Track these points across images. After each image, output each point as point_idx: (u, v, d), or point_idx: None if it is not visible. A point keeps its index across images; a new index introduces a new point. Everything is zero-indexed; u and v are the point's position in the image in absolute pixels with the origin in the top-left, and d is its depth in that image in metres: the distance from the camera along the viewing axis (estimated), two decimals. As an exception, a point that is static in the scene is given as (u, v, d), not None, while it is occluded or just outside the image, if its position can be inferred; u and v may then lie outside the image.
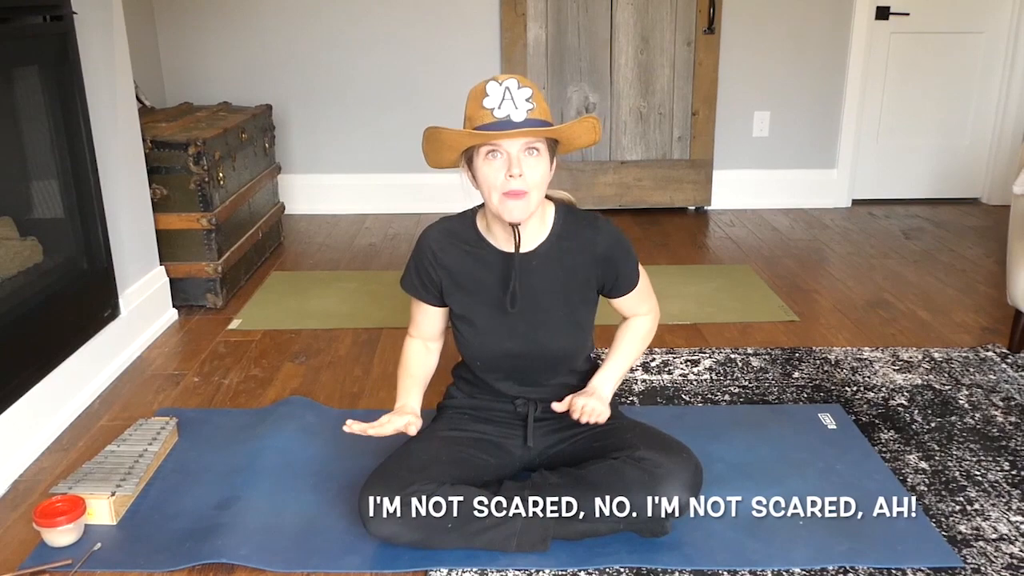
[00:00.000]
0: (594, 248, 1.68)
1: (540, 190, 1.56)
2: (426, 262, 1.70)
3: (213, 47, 4.11)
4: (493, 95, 1.50)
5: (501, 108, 1.49)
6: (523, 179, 1.51)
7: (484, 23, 4.11)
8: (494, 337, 1.69)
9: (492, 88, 1.50)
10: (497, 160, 1.52)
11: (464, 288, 1.70)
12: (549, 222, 1.68)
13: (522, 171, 1.50)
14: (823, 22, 4.18)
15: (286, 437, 2.04)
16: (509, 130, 1.48)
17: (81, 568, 1.60)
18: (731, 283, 3.23)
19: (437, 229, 1.73)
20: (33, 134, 2.27)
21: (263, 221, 3.51)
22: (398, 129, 4.24)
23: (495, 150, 1.52)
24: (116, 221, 2.53)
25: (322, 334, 2.75)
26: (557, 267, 1.67)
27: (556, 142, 1.59)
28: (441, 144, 1.57)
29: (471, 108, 1.54)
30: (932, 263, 3.49)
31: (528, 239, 1.65)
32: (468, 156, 1.57)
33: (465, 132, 1.52)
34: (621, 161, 4.21)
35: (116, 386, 2.41)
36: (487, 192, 1.55)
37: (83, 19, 2.33)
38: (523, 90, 1.50)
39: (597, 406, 1.66)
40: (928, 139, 4.42)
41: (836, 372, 2.43)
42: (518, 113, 1.49)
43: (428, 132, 1.56)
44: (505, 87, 1.49)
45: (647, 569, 1.59)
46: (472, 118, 1.53)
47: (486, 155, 1.53)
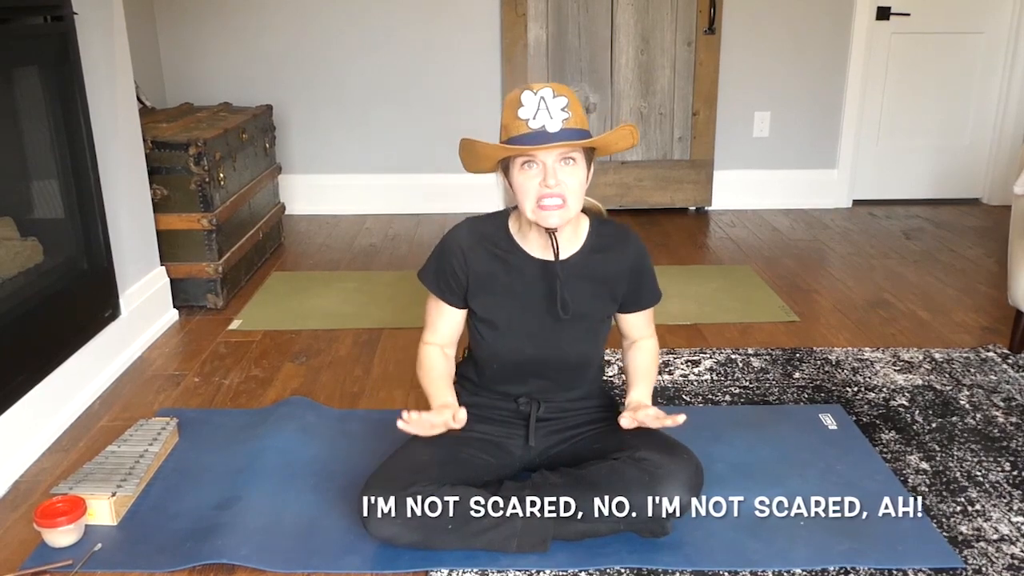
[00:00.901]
0: (624, 261, 1.70)
1: (577, 198, 1.56)
2: (454, 262, 1.69)
3: (214, 47, 4.12)
4: (528, 105, 1.50)
5: (536, 119, 1.50)
6: (559, 187, 1.51)
7: (484, 23, 4.11)
8: (516, 342, 1.70)
9: (527, 98, 1.50)
10: (532, 170, 1.53)
11: (491, 291, 1.69)
12: (583, 234, 1.69)
13: (558, 181, 1.51)
14: (823, 22, 4.18)
15: (286, 437, 2.04)
16: (543, 144, 1.48)
17: (82, 568, 1.60)
18: (731, 283, 3.23)
19: (466, 230, 1.71)
20: (33, 134, 2.27)
21: (263, 221, 3.51)
22: (399, 130, 4.24)
23: (530, 161, 1.52)
24: (116, 221, 2.53)
25: (322, 334, 2.75)
26: (587, 278, 1.68)
27: (593, 149, 1.59)
28: (475, 155, 1.58)
29: (507, 117, 1.54)
30: (932, 263, 3.49)
31: (562, 248, 1.65)
32: (504, 164, 1.58)
33: (499, 146, 1.53)
34: (622, 161, 4.21)
35: (117, 386, 2.41)
36: (522, 201, 1.56)
37: (83, 19, 2.33)
38: (558, 99, 1.50)
39: (652, 411, 1.65)
40: (928, 139, 4.42)
41: (837, 372, 2.43)
42: (553, 123, 1.49)
43: (464, 143, 1.58)
44: (540, 97, 1.50)
45: (647, 569, 1.59)
46: (508, 127, 1.53)
47: (521, 166, 1.53)
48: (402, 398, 2.31)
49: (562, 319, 1.65)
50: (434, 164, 4.20)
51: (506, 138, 1.54)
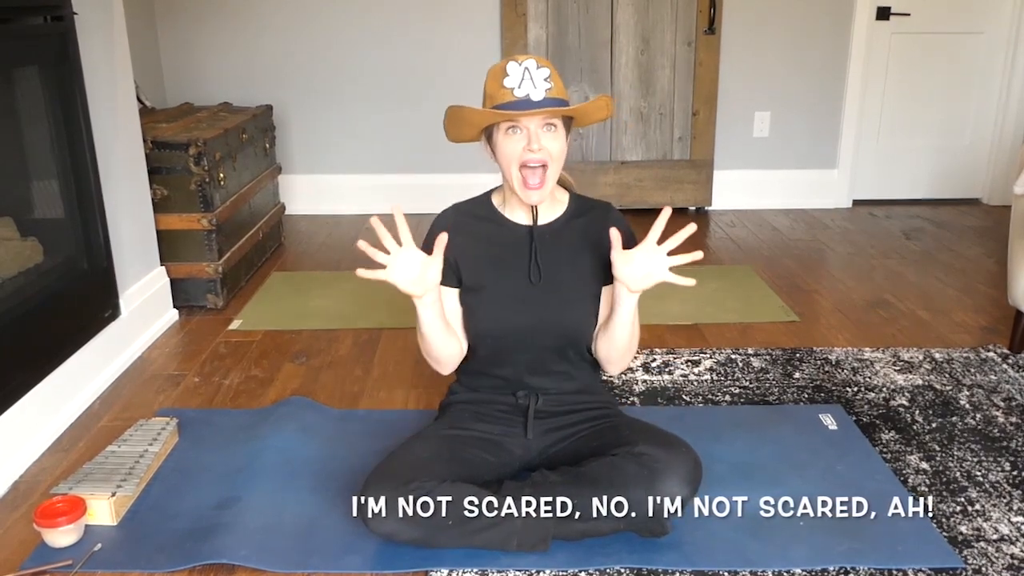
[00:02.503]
0: (606, 227, 1.68)
1: (558, 164, 1.63)
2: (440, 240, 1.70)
3: (214, 47, 4.12)
4: (513, 75, 1.57)
5: (521, 87, 1.56)
6: (542, 152, 1.58)
7: (484, 23, 4.11)
8: (505, 310, 1.71)
9: (512, 68, 1.57)
10: (517, 135, 1.60)
11: (478, 260, 1.73)
12: (564, 201, 1.76)
13: (540, 146, 1.58)
14: (824, 22, 4.18)
15: (286, 437, 2.04)
16: (530, 109, 1.55)
17: (81, 568, 1.60)
18: (732, 283, 3.23)
19: (450, 209, 1.79)
20: (33, 134, 2.27)
21: (264, 221, 3.51)
22: (399, 129, 4.24)
23: (515, 126, 1.59)
24: (116, 221, 2.53)
25: (322, 334, 2.75)
26: (571, 243, 1.73)
27: (571, 119, 1.65)
28: (463, 121, 1.64)
29: (491, 86, 1.60)
30: (932, 263, 3.49)
31: (543, 214, 1.72)
32: (488, 132, 1.64)
33: (488, 111, 1.59)
34: (622, 161, 4.21)
35: (117, 386, 2.41)
36: (506, 165, 1.62)
37: (83, 19, 2.33)
38: (541, 70, 1.58)
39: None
40: (928, 139, 4.42)
41: (837, 372, 2.42)
42: (537, 92, 1.56)
43: (451, 110, 1.63)
44: (524, 67, 1.57)
45: (647, 569, 1.59)
46: (493, 96, 1.59)
47: (506, 131, 1.60)
48: (402, 398, 2.31)
49: (535, 284, 1.69)
50: (434, 164, 4.20)
51: (491, 106, 1.60)
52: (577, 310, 1.74)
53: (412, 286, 1.57)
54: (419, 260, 1.56)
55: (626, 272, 1.58)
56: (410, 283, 1.56)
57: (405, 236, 1.57)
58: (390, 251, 1.56)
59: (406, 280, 1.56)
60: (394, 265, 1.55)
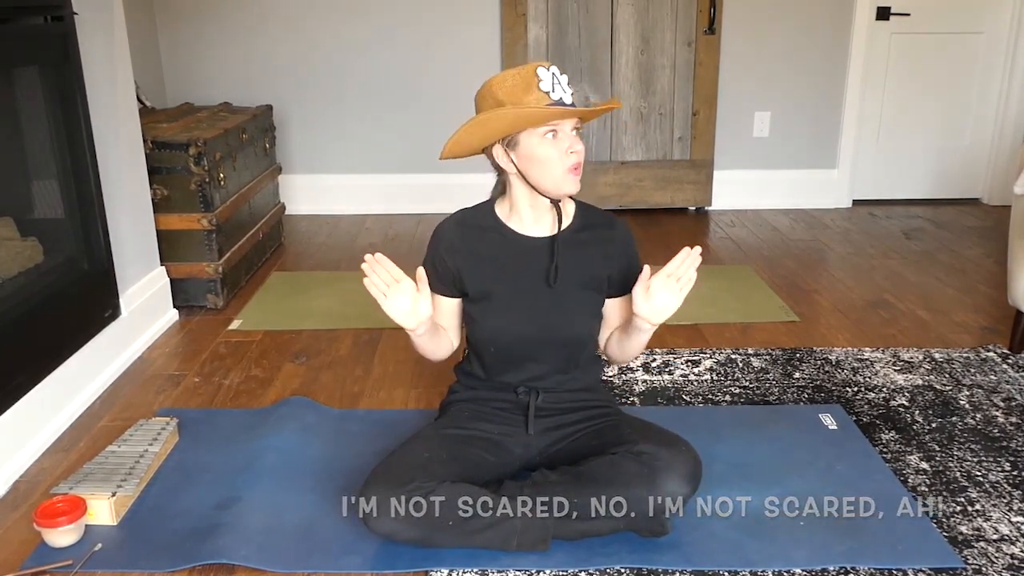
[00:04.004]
0: (611, 242, 1.75)
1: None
2: (442, 250, 1.73)
3: (214, 47, 4.12)
4: (546, 79, 1.58)
5: (555, 92, 1.58)
6: (580, 154, 1.62)
7: (484, 23, 4.11)
8: (510, 319, 1.71)
9: (543, 73, 1.58)
10: (554, 139, 1.61)
11: (482, 271, 1.72)
12: (570, 212, 1.76)
13: (578, 148, 1.62)
14: (824, 22, 4.18)
15: (286, 437, 2.04)
16: (577, 108, 1.58)
17: (82, 568, 1.60)
18: (732, 283, 3.23)
19: (452, 220, 1.77)
20: (34, 134, 2.27)
21: (264, 222, 3.51)
22: (399, 129, 4.24)
23: (553, 130, 1.60)
24: (117, 221, 2.53)
25: (322, 334, 2.75)
26: (576, 255, 1.72)
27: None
28: (495, 125, 1.58)
29: (520, 92, 1.56)
30: (932, 263, 3.49)
31: (552, 226, 1.72)
32: (507, 141, 1.63)
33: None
34: (622, 161, 4.21)
35: (117, 386, 2.41)
36: (547, 170, 1.61)
37: (84, 20, 2.33)
38: (563, 76, 1.61)
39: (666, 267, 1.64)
40: (928, 139, 4.42)
41: (837, 372, 2.43)
42: (567, 96, 1.60)
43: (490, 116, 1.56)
44: (552, 72, 1.59)
45: (647, 569, 1.59)
46: (522, 102, 1.56)
47: (543, 135, 1.60)
48: (402, 398, 2.31)
49: (552, 287, 1.69)
50: (434, 164, 4.19)
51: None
52: (583, 321, 1.75)
53: (405, 319, 1.62)
54: (411, 296, 1.60)
55: (646, 309, 1.62)
56: (404, 315, 1.61)
57: (396, 273, 1.60)
58: (388, 285, 1.59)
59: (400, 313, 1.61)
60: (391, 299, 1.59)
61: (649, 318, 1.63)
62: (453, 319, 1.80)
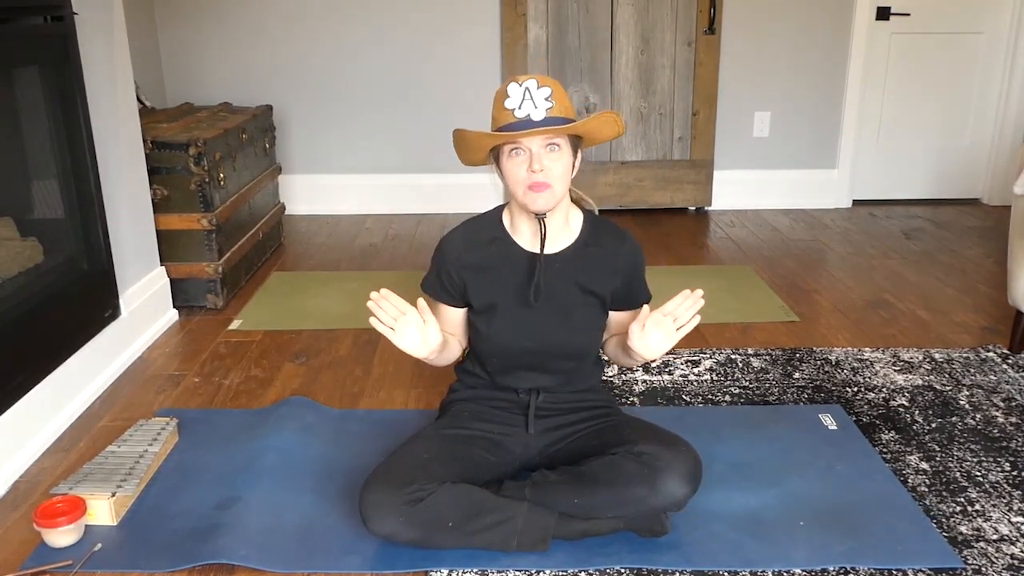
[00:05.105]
0: (618, 259, 1.73)
1: (563, 183, 1.60)
2: (448, 264, 1.73)
3: (214, 47, 4.12)
4: (513, 96, 1.56)
5: (521, 108, 1.55)
6: (544, 174, 1.56)
7: (485, 23, 4.11)
8: (512, 333, 1.71)
9: (512, 89, 1.56)
10: (520, 157, 1.58)
11: (486, 284, 1.72)
12: (576, 228, 1.73)
13: (543, 166, 1.56)
14: (824, 22, 4.18)
15: (286, 437, 2.04)
16: (526, 130, 1.53)
17: (81, 569, 1.60)
18: (732, 283, 3.23)
19: (459, 231, 1.77)
20: (33, 134, 2.27)
21: (263, 222, 3.51)
22: (399, 129, 4.24)
23: (517, 148, 1.58)
24: (116, 221, 2.53)
25: (322, 334, 2.75)
26: (580, 271, 1.71)
27: (579, 137, 1.64)
28: (467, 145, 1.64)
29: (495, 109, 1.60)
30: (932, 263, 3.49)
31: (554, 241, 1.70)
32: (495, 154, 1.63)
33: (484, 134, 1.58)
34: (622, 161, 4.21)
35: (117, 386, 2.41)
36: (513, 187, 1.61)
37: (84, 20, 2.33)
38: (542, 89, 1.56)
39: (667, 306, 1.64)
40: (928, 139, 4.42)
41: (837, 373, 2.43)
42: (537, 112, 1.55)
43: (456, 134, 1.63)
44: (525, 88, 1.55)
45: (647, 569, 1.59)
46: (496, 119, 1.59)
47: (509, 153, 1.59)
48: (402, 398, 2.31)
49: (533, 306, 1.68)
50: (434, 164, 4.20)
51: (494, 128, 1.59)
52: (578, 336, 1.75)
53: (416, 349, 1.62)
54: (418, 327, 1.61)
55: (640, 345, 1.62)
56: (414, 346, 1.62)
57: (402, 306, 1.60)
58: (395, 319, 1.60)
59: (410, 344, 1.61)
60: (400, 332, 1.60)
61: (642, 353, 1.63)
62: (460, 327, 1.81)
